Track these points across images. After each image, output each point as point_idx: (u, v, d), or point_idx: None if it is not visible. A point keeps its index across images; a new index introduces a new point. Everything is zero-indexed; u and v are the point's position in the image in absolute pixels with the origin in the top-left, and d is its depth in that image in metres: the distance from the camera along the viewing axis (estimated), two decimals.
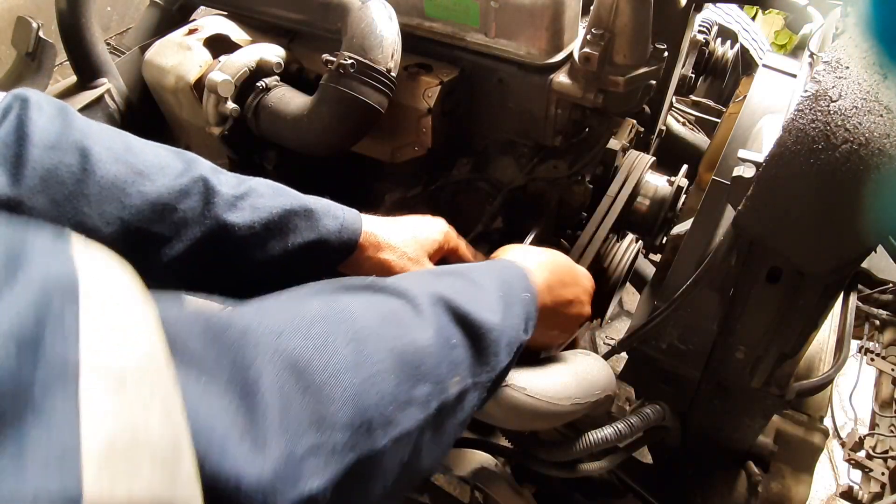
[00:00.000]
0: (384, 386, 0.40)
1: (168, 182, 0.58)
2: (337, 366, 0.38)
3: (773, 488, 0.97)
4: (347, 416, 0.37)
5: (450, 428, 0.48)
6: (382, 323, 0.44)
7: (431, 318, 0.47)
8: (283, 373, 0.35)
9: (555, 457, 0.79)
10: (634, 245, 1.12)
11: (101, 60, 1.09)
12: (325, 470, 0.35)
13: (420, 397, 0.43)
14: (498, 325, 0.52)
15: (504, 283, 0.58)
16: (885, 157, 0.55)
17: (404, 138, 1.03)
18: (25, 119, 0.52)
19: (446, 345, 0.47)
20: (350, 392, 0.38)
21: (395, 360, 0.42)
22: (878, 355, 1.39)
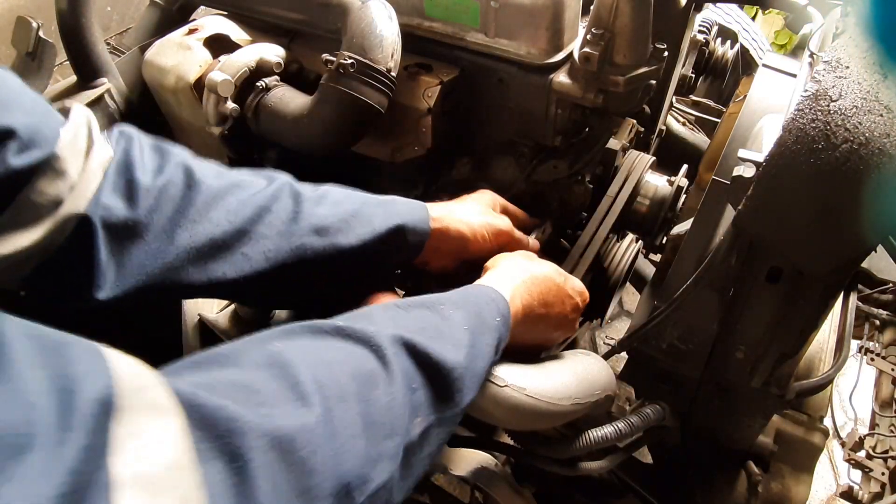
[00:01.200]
0: (357, 449, 0.43)
1: (261, 188, 0.67)
2: (317, 440, 0.41)
3: (773, 488, 0.97)
4: (329, 486, 0.40)
5: (416, 463, 0.50)
6: (351, 383, 0.46)
7: (396, 367, 0.49)
8: (270, 453, 0.38)
9: (555, 454, 0.79)
10: (634, 245, 1.12)
11: (101, 60, 1.09)
12: None
13: (389, 451, 0.46)
14: (462, 363, 0.54)
15: (475, 314, 0.59)
16: (885, 156, 0.55)
17: (404, 138, 1.03)
18: (131, 151, 0.61)
19: (408, 390, 0.49)
20: (329, 463, 0.41)
21: (364, 423, 0.45)
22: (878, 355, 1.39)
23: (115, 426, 0.30)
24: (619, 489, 1.01)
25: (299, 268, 0.66)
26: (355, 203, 0.71)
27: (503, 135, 1.07)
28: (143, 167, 0.61)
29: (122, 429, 0.31)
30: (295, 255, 0.65)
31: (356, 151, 1.04)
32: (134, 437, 0.31)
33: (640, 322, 0.86)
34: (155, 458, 0.31)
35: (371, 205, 0.72)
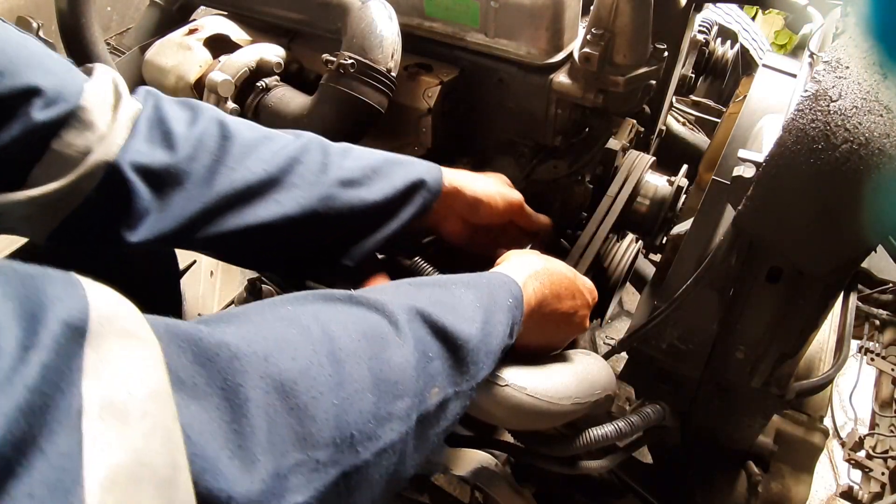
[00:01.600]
0: (364, 404, 0.43)
1: (292, 140, 0.70)
2: (320, 387, 0.41)
3: (773, 488, 0.97)
4: (329, 435, 0.40)
5: (432, 436, 0.50)
6: (362, 341, 0.46)
7: (409, 333, 0.49)
8: (270, 395, 0.38)
9: (555, 453, 0.79)
10: (634, 245, 1.12)
11: (101, 60, 1.09)
12: (308, 486, 0.38)
13: (400, 412, 0.45)
14: (476, 336, 0.54)
15: (487, 294, 0.59)
16: (885, 157, 0.55)
17: (404, 138, 1.03)
18: (161, 106, 0.64)
19: (423, 358, 0.49)
20: (332, 412, 0.40)
21: (374, 379, 0.44)
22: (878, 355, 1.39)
23: (88, 350, 0.29)
24: (619, 489, 1.01)
25: (326, 219, 0.68)
26: (378, 159, 0.74)
27: (503, 135, 1.07)
28: (176, 119, 0.64)
29: (94, 354, 0.29)
30: (324, 205, 0.68)
31: None
32: (107, 363, 0.29)
33: (640, 322, 0.86)
34: (130, 386, 0.30)
35: (392, 162, 0.75)
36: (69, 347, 0.28)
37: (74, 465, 0.25)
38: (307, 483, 0.38)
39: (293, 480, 0.37)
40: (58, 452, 0.25)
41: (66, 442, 0.26)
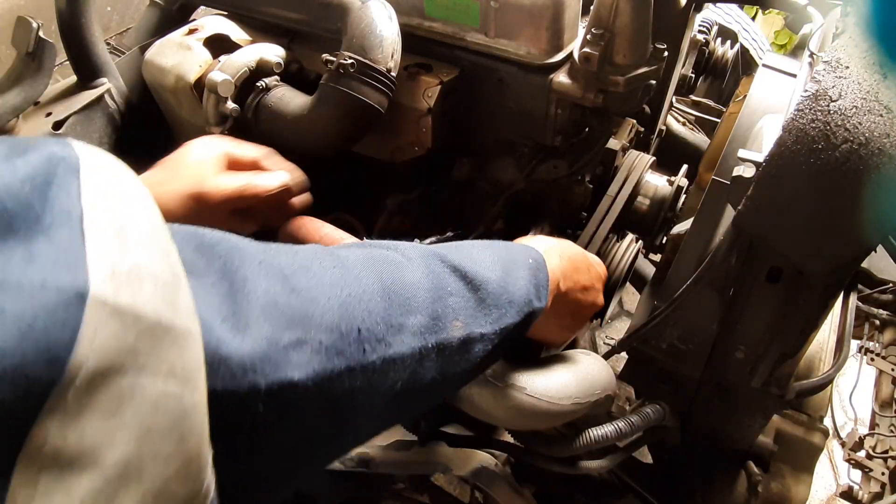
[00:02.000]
0: (372, 305, 0.42)
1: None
2: (323, 280, 0.40)
3: (773, 488, 0.97)
4: (332, 320, 0.39)
5: (454, 373, 0.49)
6: (369, 261, 0.45)
7: (422, 263, 0.49)
8: (270, 278, 0.37)
9: (555, 452, 0.79)
10: (634, 245, 1.12)
11: (101, 60, 1.09)
12: (308, 364, 0.36)
13: (413, 326, 0.44)
14: (496, 280, 0.53)
15: (504, 252, 0.59)
16: (885, 157, 0.55)
17: (404, 138, 1.03)
18: None
19: (440, 287, 0.48)
20: (335, 300, 0.39)
21: (382, 288, 0.43)
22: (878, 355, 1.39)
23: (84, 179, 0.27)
24: (619, 489, 1.01)
25: None
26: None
27: (503, 135, 1.07)
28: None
29: (90, 185, 0.27)
30: None
31: (356, 151, 1.04)
32: (105, 195, 0.28)
33: (640, 322, 0.86)
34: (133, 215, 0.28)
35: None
36: (62, 168, 0.27)
37: (77, 249, 0.25)
38: (307, 362, 0.37)
39: (292, 355, 0.36)
40: (60, 239, 0.24)
41: (67, 233, 0.25)
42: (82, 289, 0.23)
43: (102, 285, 0.24)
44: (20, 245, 0.23)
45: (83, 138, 1.07)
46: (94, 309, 0.23)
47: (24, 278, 0.22)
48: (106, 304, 0.24)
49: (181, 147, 0.76)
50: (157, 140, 1.22)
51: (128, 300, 0.25)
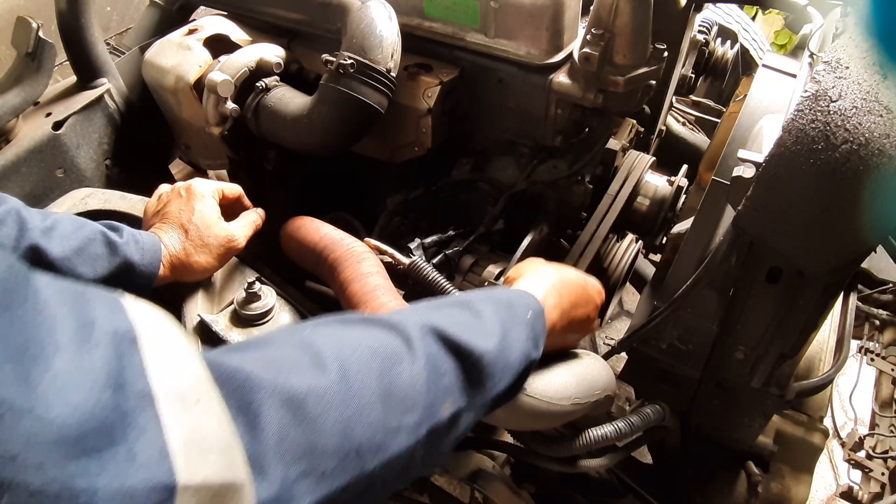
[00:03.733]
0: (372, 417, 0.45)
1: None
2: (328, 402, 0.43)
3: (773, 488, 0.97)
4: (336, 445, 0.42)
5: (443, 445, 0.52)
6: (372, 359, 0.47)
7: (421, 349, 0.50)
8: (281, 409, 0.40)
9: (555, 452, 0.79)
10: (634, 245, 1.12)
11: (101, 60, 1.09)
12: (315, 491, 0.40)
13: (408, 425, 0.47)
14: (493, 350, 0.55)
15: (506, 309, 0.60)
16: (885, 157, 0.55)
17: (404, 138, 1.03)
18: None
19: (435, 373, 0.50)
20: (339, 425, 0.43)
21: (382, 393, 0.46)
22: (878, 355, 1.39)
23: (140, 350, 0.33)
24: (619, 489, 1.01)
25: None
26: (83, 239, 0.70)
27: (503, 135, 1.07)
28: None
29: (146, 352, 0.33)
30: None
31: (356, 151, 1.04)
32: (159, 359, 0.34)
33: (640, 322, 0.86)
34: (184, 375, 0.35)
35: (101, 243, 0.71)
36: (122, 348, 0.32)
37: (160, 440, 0.31)
38: (314, 488, 0.40)
39: (300, 486, 0.40)
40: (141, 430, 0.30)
41: (148, 423, 0.31)
42: (172, 484, 0.30)
43: (183, 473, 0.31)
44: (121, 452, 0.29)
45: (83, 138, 1.07)
46: (181, 495, 0.31)
47: (132, 484, 0.29)
48: (188, 488, 0.31)
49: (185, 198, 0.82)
50: (157, 140, 1.22)
51: (202, 477, 0.32)
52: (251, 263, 0.88)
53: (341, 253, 0.81)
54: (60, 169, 1.05)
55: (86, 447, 0.28)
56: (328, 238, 0.84)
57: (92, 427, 0.29)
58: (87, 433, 0.29)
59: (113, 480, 0.28)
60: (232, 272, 0.86)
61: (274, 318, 0.78)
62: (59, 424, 0.28)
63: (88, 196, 0.91)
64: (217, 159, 1.14)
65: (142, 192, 0.92)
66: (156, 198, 0.85)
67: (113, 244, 0.71)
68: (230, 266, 0.86)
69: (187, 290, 0.80)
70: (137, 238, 0.74)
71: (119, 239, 0.72)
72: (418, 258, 0.84)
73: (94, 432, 0.29)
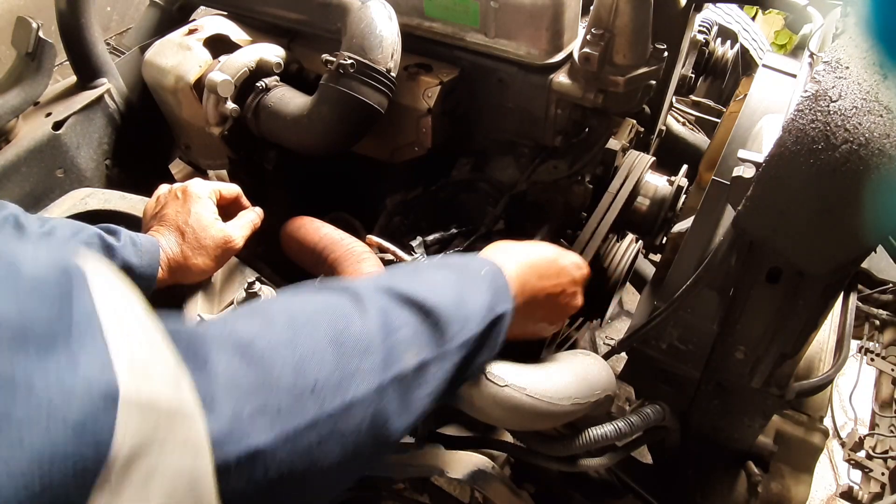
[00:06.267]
0: (324, 357, 0.46)
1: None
2: (276, 343, 0.44)
3: (773, 488, 0.97)
4: (289, 382, 0.43)
5: (417, 398, 0.52)
6: (320, 313, 0.49)
7: (372, 304, 0.51)
8: (228, 352, 0.41)
9: (555, 452, 0.79)
10: (634, 245, 1.12)
11: (101, 60, 1.09)
12: (271, 428, 0.41)
13: (367, 368, 0.47)
14: (450, 300, 0.56)
15: (459, 267, 0.62)
16: (885, 157, 0.55)
17: (404, 138, 1.03)
18: None
19: (389, 325, 0.51)
20: (290, 363, 0.43)
21: (333, 341, 0.47)
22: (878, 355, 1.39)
23: (90, 288, 0.34)
24: (619, 489, 1.01)
25: None
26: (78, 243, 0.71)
27: (503, 135, 1.07)
28: None
29: (96, 290, 0.34)
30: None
31: (356, 151, 1.04)
32: (108, 297, 0.34)
33: (640, 322, 0.86)
34: (131, 316, 0.35)
35: (97, 246, 0.72)
36: (76, 280, 0.33)
37: (104, 355, 0.31)
38: (270, 425, 0.40)
39: (255, 423, 0.40)
40: (91, 344, 0.31)
41: (93, 339, 0.31)
42: (114, 392, 0.30)
43: (127, 385, 0.31)
44: (63, 353, 0.29)
45: (83, 138, 1.07)
46: (125, 406, 0.30)
47: (72, 384, 0.29)
48: (131, 400, 0.31)
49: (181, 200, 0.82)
50: (157, 140, 1.22)
51: (146, 394, 0.32)
52: (251, 263, 0.88)
53: (341, 253, 0.81)
54: (60, 169, 1.05)
55: (26, 342, 0.28)
56: (328, 238, 0.84)
57: (36, 327, 0.29)
58: (29, 330, 0.29)
59: (52, 381, 0.28)
60: (232, 272, 0.86)
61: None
62: (2, 312, 0.28)
63: (88, 196, 0.91)
64: (217, 159, 1.14)
65: (142, 192, 0.92)
66: (154, 200, 0.85)
67: (110, 248, 0.72)
68: (230, 266, 0.86)
69: (187, 290, 0.80)
70: (135, 241, 0.74)
71: (116, 242, 0.72)
72: (420, 255, 0.84)
73: (37, 333, 0.29)
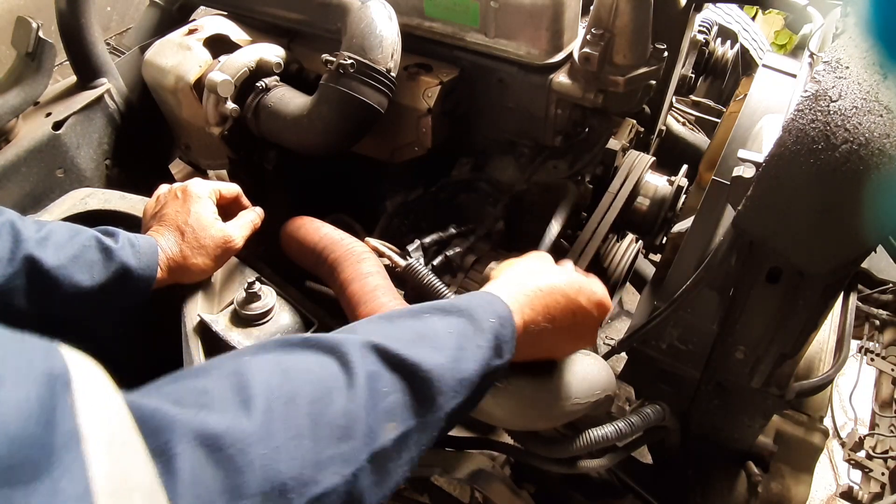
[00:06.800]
0: (299, 452, 0.43)
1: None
2: (248, 436, 0.41)
3: (773, 488, 0.97)
4: (257, 485, 0.40)
5: (393, 469, 0.49)
6: (304, 385, 0.46)
7: (361, 371, 0.48)
8: (197, 449, 0.39)
9: (555, 453, 0.79)
10: (634, 245, 1.12)
11: (101, 60, 1.09)
12: None
13: (343, 454, 0.45)
14: (444, 364, 0.52)
15: (466, 318, 0.57)
16: (885, 157, 0.55)
17: (404, 138, 1.03)
18: None
19: (375, 394, 0.48)
20: (260, 462, 0.41)
21: (312, 424, 0.44)
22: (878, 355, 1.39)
23: (72, 393, 0.34)
24: (619, 489, 1.01)
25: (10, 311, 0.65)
26: (78, 247, 0.70)
27: (503, 135, 1.07)
28: None
29: (78, 395, 0.34)
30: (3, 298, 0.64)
31: (356, 151, 1.04)
32: (89, 402, 0.34)
33: (640, 322, 0.86)
34: (112, 419, 0.35)
35: (96, 249, 0.71)
36: (59, 388, 0.33)
37: (84, 483, 0.31)
38: None
39: None
40: (66, 468, 0.31)
41: (73, 463, 0.31)
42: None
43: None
44: (43, 485, 0.30)
45: (83, 138, 1.07)
46: None
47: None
48: None
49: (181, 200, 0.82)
50: (157, 140, 1.22)
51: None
52: (251, 263, 0.88)
53: (341, 253, 0.81)
54: (60, 169, 1.05)
55: (11, 478, 0.29)
56: (328, 238, 0.84)
57: (20, 459, 0.29)
58: (15, 465, 0.29)
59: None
60: (232, 272, 0.86)
61: (274, 318, 0.78)
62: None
63: (88, 196, 0.91)
64: (217, 159, 1.14)
65: (142, 192, 0.92)
66: (154, 199, 0.84)
67: (108, 250, 0.71)
68: (230, 266, 0.86)
69: (187, 290, 0.80)
70: (133, 242, 0.73)
71: (114, 244, 0.72)
72: (414, 261, 0.84)
73: (21, 465, 0.29)
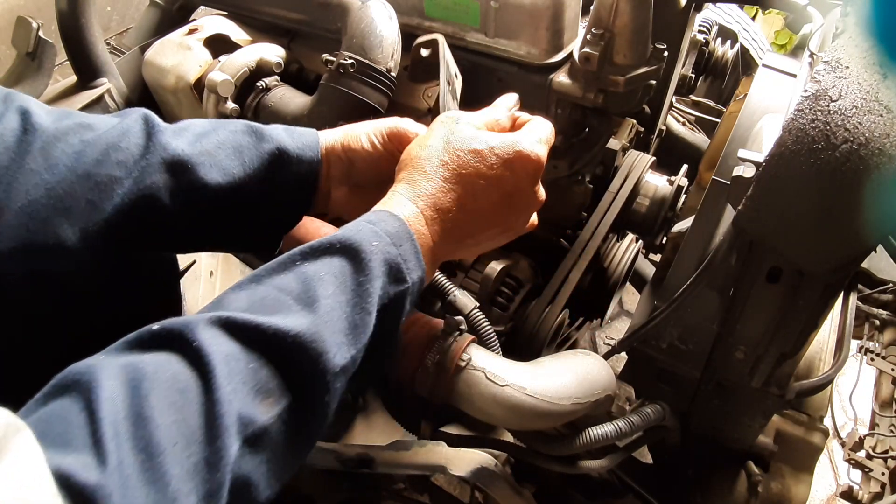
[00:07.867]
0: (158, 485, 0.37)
1: (111, 125, 0.59)
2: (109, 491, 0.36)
3: (773, 488, 0.97)
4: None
5: (294, 437, 0.45)
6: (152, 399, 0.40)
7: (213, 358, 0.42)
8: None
9: (555, 451, 0.79)
10: (634, 245, 1.12)
11: (101, 60, 1.09)
12: None
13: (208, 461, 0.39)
14: (307, 325, 0.46)
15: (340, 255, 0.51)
16: (885, 157, 0.55)
17: None
18: None
19: (234, 378, 0.42)
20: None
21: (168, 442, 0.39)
22: (878, 355, 1.39)
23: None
24: (619, 489, 1.01)
25: (156, 214, 0.58)
26: (223, 133, 0.61)
27: None
28: None
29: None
30: (145, 199, 0.57)
31: None
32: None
33: (640, 322, 0.86)
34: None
35: (243, 133, 0.62)
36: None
37: None
38: None
39: None
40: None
41: None
42: None
43: None
44: None
45: None
46: None
47: None
48: None
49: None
50: None
51: None
52: (251, 263, 0.88)
53: None
54: None
55: None
56: None
57: None
58: None
59: None
60: (232, 272, 0.86)
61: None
62: None
63: None
64: None
65: None
66: None
67: (259, 132, 0.62)
68: (230, 266, 0.86)
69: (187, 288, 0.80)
70: (287, 127, 0.66)
71: (265, 126, 0.64)
72: None
73: None
